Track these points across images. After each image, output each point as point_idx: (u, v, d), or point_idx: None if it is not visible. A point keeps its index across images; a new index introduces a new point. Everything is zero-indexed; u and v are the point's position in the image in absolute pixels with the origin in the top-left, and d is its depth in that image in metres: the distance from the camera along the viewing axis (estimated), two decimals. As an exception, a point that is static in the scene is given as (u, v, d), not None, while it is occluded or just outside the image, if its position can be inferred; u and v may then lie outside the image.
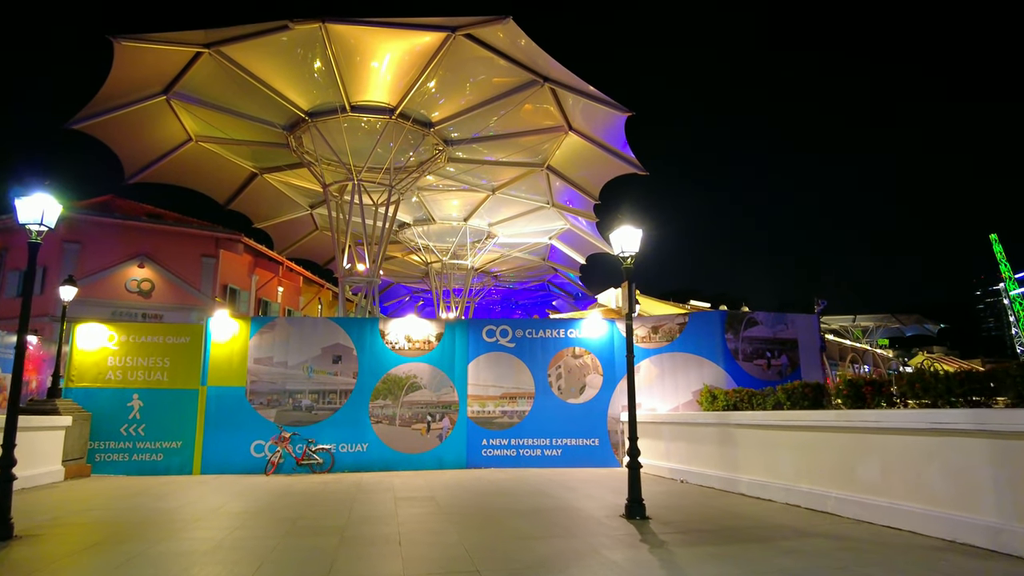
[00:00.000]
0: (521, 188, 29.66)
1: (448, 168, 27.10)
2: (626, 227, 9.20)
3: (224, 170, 26.76)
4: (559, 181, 28.26)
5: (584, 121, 24.09)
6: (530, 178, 28.49)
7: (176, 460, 14.71)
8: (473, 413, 15.27)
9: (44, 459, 12.94)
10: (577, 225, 32.96)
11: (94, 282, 22.98)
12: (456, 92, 22.62)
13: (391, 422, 15.03)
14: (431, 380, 15.32)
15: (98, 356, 15.18)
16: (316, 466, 14.38)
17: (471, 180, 28.86)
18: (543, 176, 28.20)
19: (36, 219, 7.74)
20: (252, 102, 22.32)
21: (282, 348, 15.04)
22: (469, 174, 28.21)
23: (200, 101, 22.38)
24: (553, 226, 34.11)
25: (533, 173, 27.95)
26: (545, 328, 15.86)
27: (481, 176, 28.81)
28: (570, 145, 25.51)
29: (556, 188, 29.31)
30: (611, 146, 24.93)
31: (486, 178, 28.97)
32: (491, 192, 29.79)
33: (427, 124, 23.82)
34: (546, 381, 15.50)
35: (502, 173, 28.32)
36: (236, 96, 22.02)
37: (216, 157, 25.70)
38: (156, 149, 24.69)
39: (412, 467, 14.76)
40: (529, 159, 26.92)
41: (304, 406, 14.83)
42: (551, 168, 27.33)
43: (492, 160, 26.80)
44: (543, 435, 15.19)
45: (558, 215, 32.12)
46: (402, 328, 15.55)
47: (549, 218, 32.87)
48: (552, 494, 10.86)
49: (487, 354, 15.57)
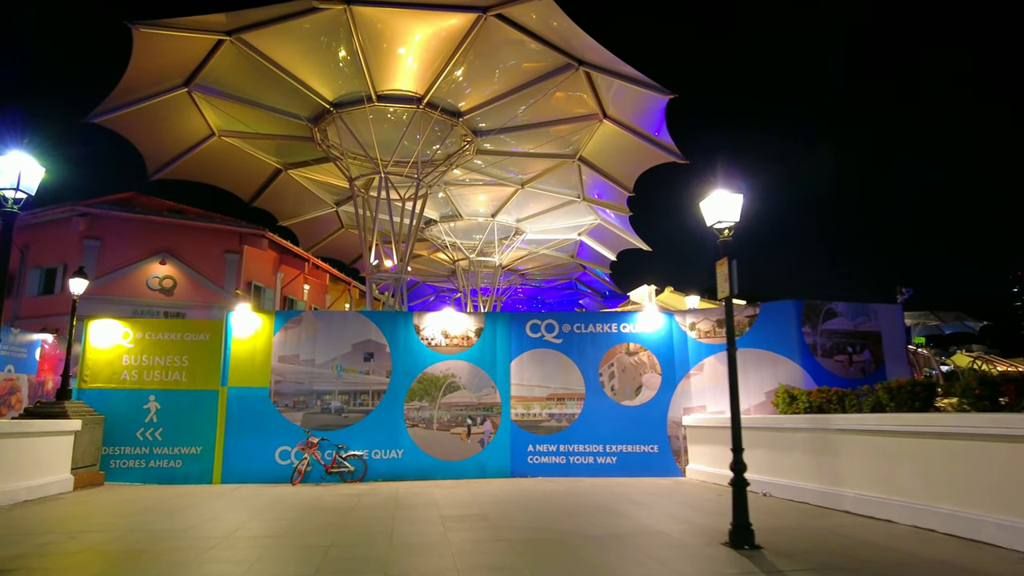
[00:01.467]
0: (550, 182, 27.95)
1: (476, 161, 25.51)
2: (721, 192, 7.41)
3: (248, 166, 25.45)
4: (591, 173, 26.48)
5: (620, 107, 22.32)
6: (560, 171, 26.76)
7: (195, 467, 13.16)
8: (517, 416, 13.52)
9: (50, 467, 11.43)
10: (608, 220, 31.15)
11: (115, 279, 21.66)
12: (485, 79, 21.00)
13: (428, 426, 13.33)
14: (471, 380, 13.61)
15: (112, 355, 13.69)
16: (347, 474, 12.73)
17: (499, 173, 27.20)
18: (574, 168, 26.47)
19: (11, 183, 6.13)
20: (275, 93, 20.93)
21: (309, 345, 13.41)
22: (497, 167, 26.55)
23: (222, 93, 21.03)
24: (583, 221, 32.31)
25: (564, 165, 26.22)
26: (596, 322, 14.07)
27: (509, 169, 27.13)
28: (604, 134, 23.73)
29: (587, 181, 27.53)
30: (649, 133, 23.13)
31: (514, 171, 27.27)
32: (520, 186, 28.10)
33: (455, 114, 22.23)
34: (597, 381, 13.70)
35: (531, 166, 26.62)
36: (259, 87, 20.65)
37: (240, 153, 24.41)
38: (179, 144, 23.45)
39: (451, 475, 13.05)
40: (559, 150, 25.19)
41: (333, 408, 13.19)
42: (583, 159, 25.56)
43: (521, 152, 25.07)
44: (595, 440, 13.40)
45: (588, 209, 30.33)
46: (438, 322, 13.86)
47: (579, 213, 31.09)
48: (623, 512, 9.07)
49: (531, 351, 13.82)
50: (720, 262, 7.40)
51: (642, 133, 23.08)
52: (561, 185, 28.27)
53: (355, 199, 24.17)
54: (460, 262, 35.36)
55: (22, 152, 6.34)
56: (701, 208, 7.66)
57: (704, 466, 12.78)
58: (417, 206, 24.04)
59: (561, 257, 37.95)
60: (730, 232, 7.46)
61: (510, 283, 41.49)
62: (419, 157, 23.33)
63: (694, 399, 13.52)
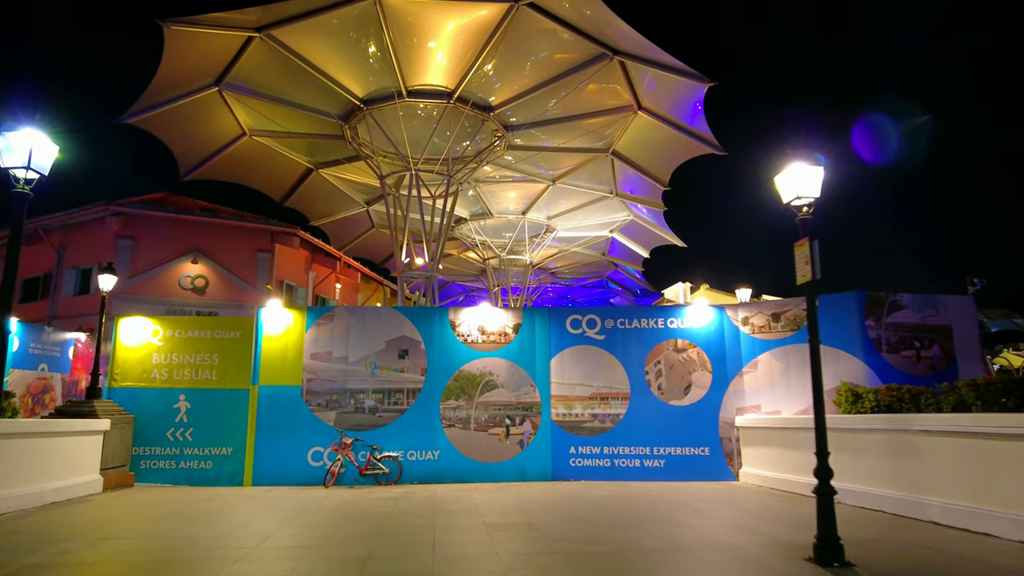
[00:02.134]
0: (582, 177, 27.11)
1: (506, 157, 24.81)
2: (799, 164, 6.53)
3: (279, 166, 25.17)
4: (624, 167, 25.56)
5: (655, 97, 21.40)
6: (592, 166, 25.92)
7: (226, 468, 12.62)
8: (558, 416, 12.72)
9: (79, 468, 10.97)
10: (641, 215, 30.18)
11: (148, 279, 21.40)
12: (516, 72, 20.31)
13: (465, 426, 12.60)
14: (509, 378, 12.84)
15: (142, 353, 13.24)
16: (381, 477, 12.06)
17: (529, 170, 26.44)
18: (607, 163, 25.60)
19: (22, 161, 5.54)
20: (305, 91, 20.54)
21: (342, 341, 12.79)
22: (527, 163, 25.79)
23: (253, 91, 20.71)
24: (615, 218, 31.36)
25: (596, 160, 25.37)
26: (641, 317, 13.20)
27: (540, 165, 26.35)
28: (638, 126, 22.82)
29: (620, 175, 26.61)
30: (686, 125, 22.19)
31: (545, 167, 26.49)
32: (551, 182, 27.30)
33: (486, 108, 21.56)
34: (643, 379, 12.83)
35: (563, 161, 25.81)
36: (289, 85, 20.29)
37: (271, 152, 24.13)
38: (210, 144, 23.24)
39: (490, 478, 12.30)
40: (591, 144, 24.33)
41: (367, 407, 12.54)
42: (616, 153, 24.67)
43: (552, 147, 24.26)
44: (641, 442, 12.53)
45: (621, 205, 29.39)
46: (474, 318, 13.13)
47: (612, 209, 30.17)
48: (682, 521, 8.21)
49: (573, 348, 13.01)
50: (800, 243, 6.53)
51: (679, 124, 22.17)
52: (593, 180, 27.43)
53: (386, 198, 23.67)
54: (490, 261, 34.69)
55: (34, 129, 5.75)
56: (776, 184, 6.79)
57: (760, 470, 11.84)
58: (448, 203, 23.41)
59: (592, 255, 37.06)
60: (810, 209, 6.58)
61: (540, 282, 40.71)
62: (450, 153, 22.74)
63: (747, 398, 12.58)
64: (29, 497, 9.55)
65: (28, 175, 5.70)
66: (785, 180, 6.65)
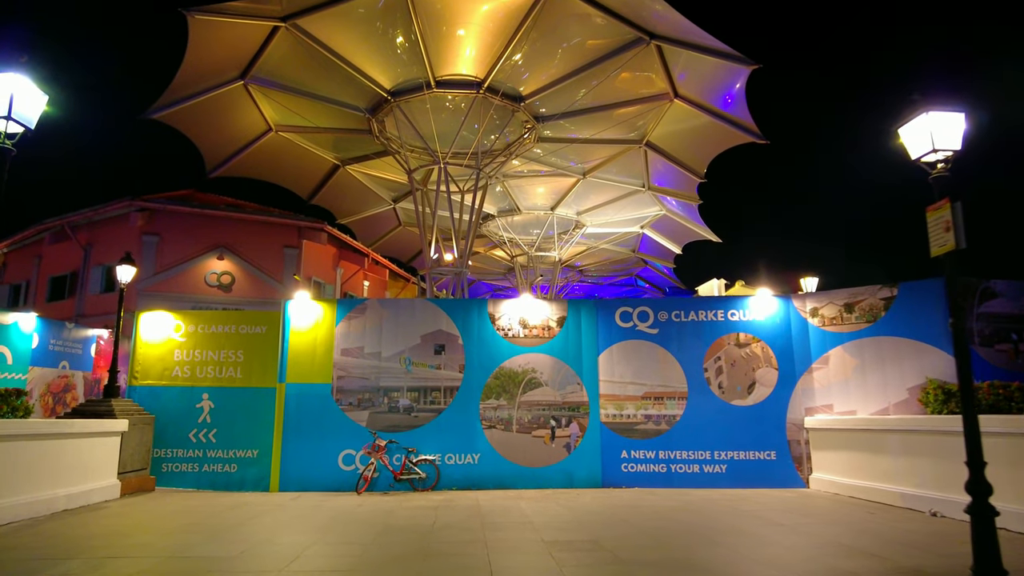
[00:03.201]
0: (612, 170, 25.83)
1: (535, 150, 23.63)
2: (934, 114, 5.26)
3: (306, 162, 24.35)
4: (658, 159, 24.22)
5: (694, 84, 20.09)
6: (624, 158, 24.62)
7: (252, 472, 11.63)
8: (608, 417, 11.50)
9: (95, 472, 10.02)
10: (673, 210, 28.79)
11: (173, 275, 20.63)
12: (547, 60, 19.20)
13: (507, 427, 11.44)
14: (553, 375, 11.66)
15: (164, 349, 12.32)
16: (417, 482, 10.96)
17: (559, 163, 25.25)
18: (639, 155, 24.30)
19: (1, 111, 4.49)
20: (332, 83, 19.68)
21: (374, 336, 11.71)
22: (557, 156, 24.59)
23: (278, 85, 19.87)
24: (647, 212, 29.97)
25: (628, 152, 24.08)
26: (698, 309, 11.93)
27: (569, 158, 25.12)
28: (674, 115, 21.49)
29: (653, 168, 25.26)
30: (725, 112, 20.81)
31: (575, 159, 25.21)
32: (581, 176, 26.07)
33: (516, 98, 20.45)
34: (702, 377, 11.57)
35: (593, 154, 24.57)
36: (315, 77, 19.45)
37: (297, 148, 23.30)
38: (236, 140, 22.46)
39: (534, 484, 11.13)
40: (623, 135, 23.01)
41: (402, 407, 11.44)
42: (650, 144, 23.35)
43: (583, 139, 23.02)
44: (700, 446, 11.27)
45: (653, 200, 28.04)
46: (515, 310, 11.97)
47: (643, 203, 28.81)
48: (775, 539, 6.96)
49: (623, 343, 11.79)
50: (936, 206, 5.25)
51: (717, 112, 20.83)
52: (624, 174, 26.13)
53: (414, 193, 22.71)
54: (518, 258, 33.55)
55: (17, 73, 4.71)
56: (902, 137, 5.52)
57: (834, 476, 10.52)
58: (477, 198, 22.34)
59: (622, 252, 35.71)
60: (947, 165, 5.30)
61: (568, 280, 39.43)
62: (479, 146, 21.67)
63: (818, 397, 11.24)
64: (39, 505, 8.61)
65: (9, 127, 4.67)
66: (915, 131, 5.39)
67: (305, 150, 23.46)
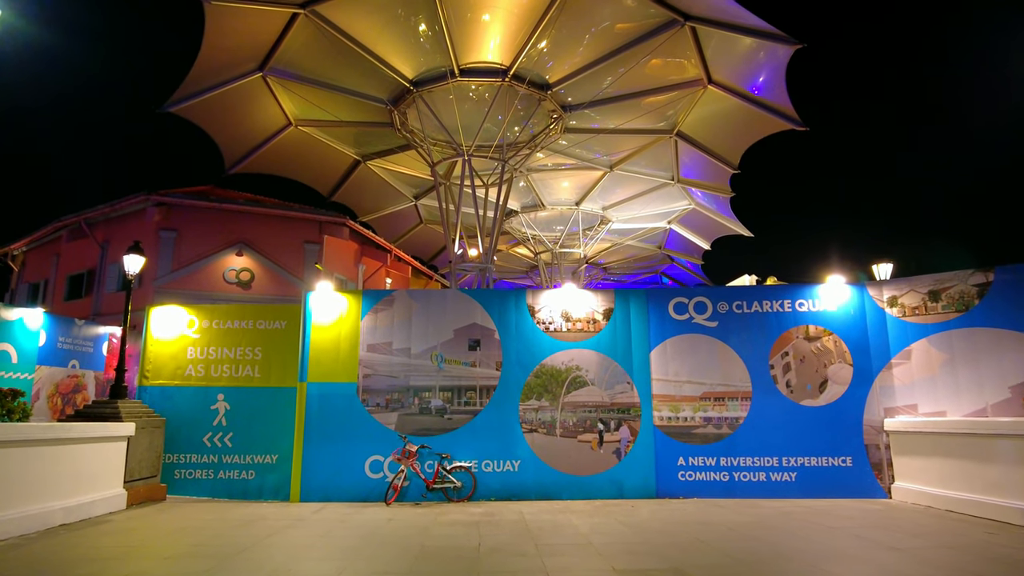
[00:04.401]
0: (640, 163, 24.44)
1: (560, 142, 22.34)
2: None
3: (326, 157, 23.33)
4: (688, 150, 22.83)
5: (729, 68, 18.73)
6: (652, 150, 23.25)
7: (271, 480, 10.48)
8: (662, 420, 10.17)
9: (98, 481, 8.91)
10: (702, 204, 27.31)
11: (191, 272, 19.58)
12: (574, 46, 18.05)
13: (549, 431, 10.15)
14: (601, 373, 10.35)
15: (176, 347, 11.21)
16: (452, 491, 9.71)
17: (585, 155, 23.93)
18: (669, 146, 22.94)
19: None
20: (352, 74, 18.62)
21: (403, 330, 10.49)
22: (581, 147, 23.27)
23: (297, 76, 18.87)
24: (675, 207, 28.51)
25: (658, 143, 22.70)
26: (761, 299, 10.56)
27: (595, 150, 23.78)
28: (707, 103, 20.11)
29: (683, 159, 23.83)
30: (762, 98, 19.36)
31: (600, 151, 23.85)
32: (608, 169, 24.70)
33: (543, 86, 19.24)
34: (768, 374, 10.20)
35: (620, 145, 23.20)
36: (335, 68, 18.44)
37: (317, 143, 22.28)
38: (255, 135, 21.48)
39: (580, 494, 9.83)
40: (652, 125, 21.65)
41: (434, 408, 10.19)
42: (681, 134, 21.96)
43: (611, 129, 21.68)
44: (767, 452, 9.91)
45: (682, 193, 26.61)
46: (557, 302, 10.69)
47: (671, 197, 27.37)
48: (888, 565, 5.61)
49: (678, 337, 10.46)
50: None
51: (754, 98, 19.42)
52: (652, 166, 24.75)
53: (437, 187, 21.52)
54: (542, 255, 32.25)
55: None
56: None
57: (923, 486, 9.10)
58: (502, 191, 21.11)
59: (647, 248, 34.27)
60: None
61: (591, 278, 38.02)
62: (504, 137, 20.44)
63: (899, 396, 9.83)
64: (30, 520, 7.49)
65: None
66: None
67: (325, 145, 22.48)
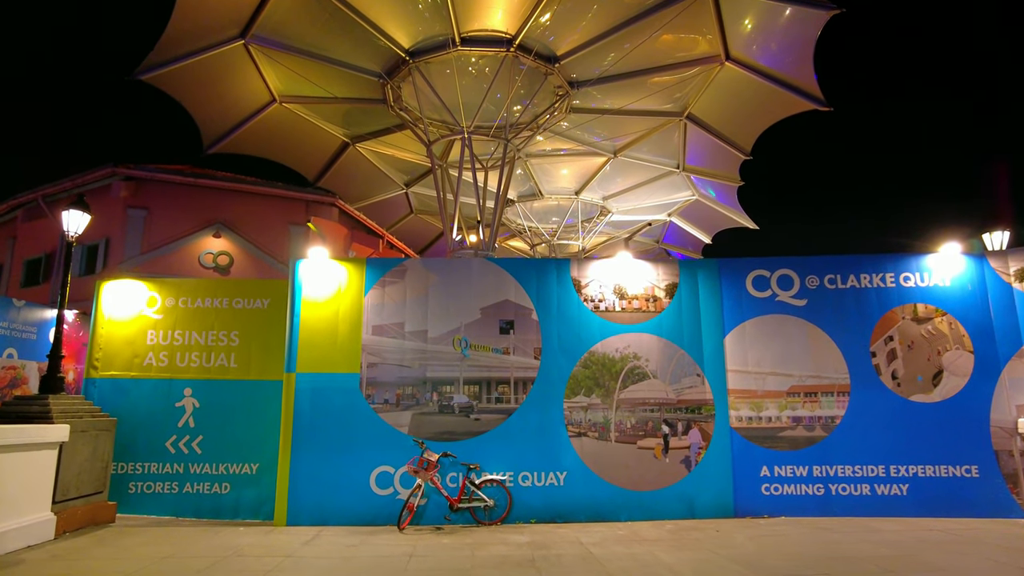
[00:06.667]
0: (643, 149, 22.41)
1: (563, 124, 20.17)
2: None
3: (313, 139, 20.91)
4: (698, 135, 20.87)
5: (750, 42, 16.84)
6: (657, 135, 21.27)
7: (249, 495, 8.09)
8: (740, 421, 7.95)
9: (13, 503, 6.34)
10: (705, 195, 25.33)
11: (162, 255, 16.96)
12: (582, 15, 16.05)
13: (602, 435, 7.86)
14: (664, 363, 8.10)
15: (133, 329, 8.73)
16: (482, 511, 7.37)
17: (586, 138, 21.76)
18: (675, 132, 20.93)
19: None
20: (343, 42, 16.40)
21: (418, 308, 8.11)
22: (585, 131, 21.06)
23: (283, 45, 16.54)
24: (677, 198, 26.46)
25: (663, 128, 20.69)
26: (859, 271, 8.40)
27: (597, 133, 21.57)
28: (722, 82, 18.15)
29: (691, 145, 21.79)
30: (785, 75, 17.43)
31: (602, 134, 21.65)
32: (612, 155, 22.58)
33: (550, 59, 17.08)
34: (869, 363, 8.04)
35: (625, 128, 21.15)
36: (324, 36, 16.24)
37: (303, 123, 19.88)
38: (237, 112, 19.05)
39: (642, 514, 7.58)
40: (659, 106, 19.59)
41: (457, 406, 7.83)
42: (691, 117, 19.95)
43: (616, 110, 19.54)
44: (871, 459, 7.76)
45: (684, 183, 24.62)
46: (608, 274, 8.42)
47: (674, 187, 25.34)
48: None
49: (758, 318, 8.26)
50: None
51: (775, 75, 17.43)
52: (657, 153, 22.71)
53: (434, 169, 19.16)
54: (538, 248, 29.98)
55: None
56: None
57: (1075, 504, 7.00)
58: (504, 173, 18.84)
59: (645, 243, 32.18)
60: None
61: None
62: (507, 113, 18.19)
63: (1033, 392, 7.74)
64: None
65: None
66: None
67: (312, 125, 20.05)
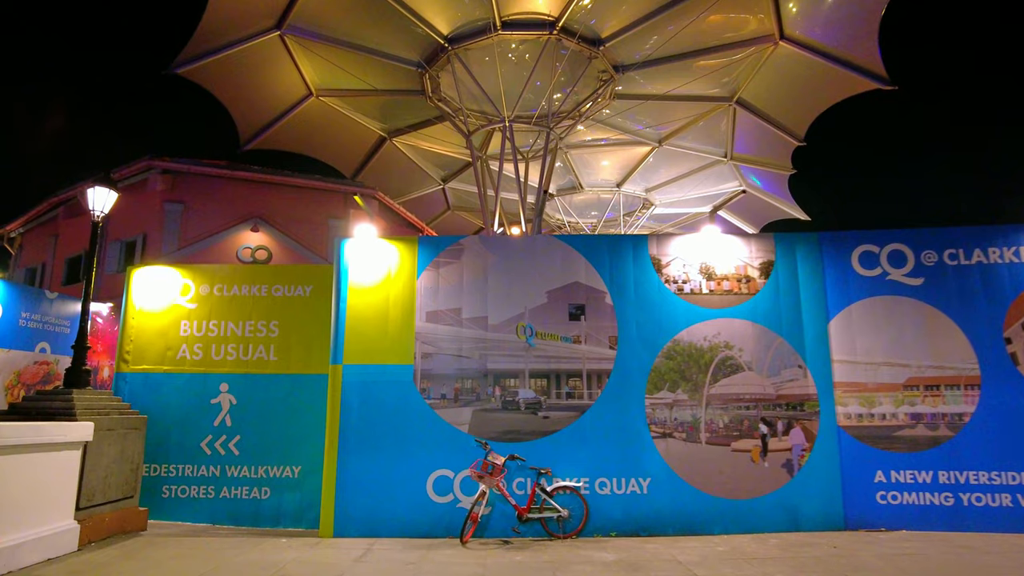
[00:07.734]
0: (688, 138, 21.15)
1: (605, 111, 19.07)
2: None
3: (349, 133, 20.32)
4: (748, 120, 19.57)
5: (806, 18, 15.59)
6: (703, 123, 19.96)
7: (291, 500, 7.19)
8: (850, 419, 6.75)
9: (33, 510, 5.56)
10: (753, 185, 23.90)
11: (200, 250, 16.40)
12: None
13: (690, 436, 6.74)
14: (760, 352, 6.95)
15: (166, 320, 7.93)
16: (554, 523, 6.33)
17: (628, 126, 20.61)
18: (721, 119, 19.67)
19: None
20: (380, 31, 15.75)
21: (477, 292, 7.11)
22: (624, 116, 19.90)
23: (318, 35, 15.96)
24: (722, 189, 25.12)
25: (711, 115, 19.41)
26: (985, 244, 7.13)
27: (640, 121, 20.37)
28: (774, 63, 16.89)
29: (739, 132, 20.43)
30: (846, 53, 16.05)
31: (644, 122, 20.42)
32: (657, 144, 21.37)
33: (594, 42, 16.01)
34: (1003, 350, 6.79)
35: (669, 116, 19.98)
36: (361, 25, 15.64)
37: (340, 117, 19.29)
38: (273, 106, 18.56)
39: (739, 526, 6.44)
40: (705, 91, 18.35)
41: (523, 402, 6.80)
42: (741, 102, 18.63)
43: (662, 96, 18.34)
44: (1008, 464, 6.52)
45: (731, 173, 23.26)
46: (692, 252, 7.31)
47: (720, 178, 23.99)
48: None
49: (867, 300, 7.05)
50: None
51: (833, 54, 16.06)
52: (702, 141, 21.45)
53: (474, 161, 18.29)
54: (578, 243, 28.88)
55: None
56: None
57: None
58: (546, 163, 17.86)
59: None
60: None
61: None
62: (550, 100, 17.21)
63: None
64: None
65: None
66: None
67: (349, 120, 19.46)
